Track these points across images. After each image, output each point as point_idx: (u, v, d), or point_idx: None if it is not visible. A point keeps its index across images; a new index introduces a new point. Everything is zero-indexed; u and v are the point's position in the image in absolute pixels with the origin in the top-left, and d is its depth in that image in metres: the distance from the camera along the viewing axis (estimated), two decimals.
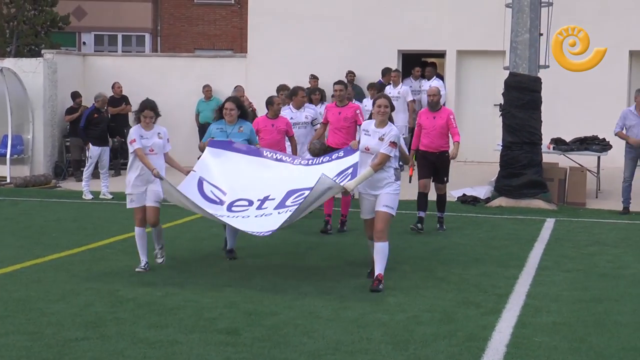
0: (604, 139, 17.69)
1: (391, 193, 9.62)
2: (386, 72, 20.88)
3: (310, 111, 15.01)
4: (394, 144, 9.54)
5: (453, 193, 17.29)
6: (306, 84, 21.02)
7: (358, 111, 13.90)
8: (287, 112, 14.49)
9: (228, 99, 11.78)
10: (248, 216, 10.17)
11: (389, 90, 19.57)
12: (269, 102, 13.71)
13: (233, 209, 10.40)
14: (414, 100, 20.04)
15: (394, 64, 21.63)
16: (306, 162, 11.17)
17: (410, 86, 20.73)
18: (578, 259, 11.44)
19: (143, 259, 10.56)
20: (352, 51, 21.83)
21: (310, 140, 13.90)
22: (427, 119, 13.59)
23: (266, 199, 10.40)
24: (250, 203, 10.41)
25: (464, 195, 17.05)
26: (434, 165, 13.65)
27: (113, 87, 21.92)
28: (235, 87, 19.30)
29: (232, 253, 11.34)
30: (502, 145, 16.89)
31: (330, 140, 13.75)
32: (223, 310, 8.54)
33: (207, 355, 7.11)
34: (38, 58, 22.31)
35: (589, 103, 20.69)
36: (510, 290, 9.57)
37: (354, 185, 9.60)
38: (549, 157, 17.58)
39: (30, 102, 21.08)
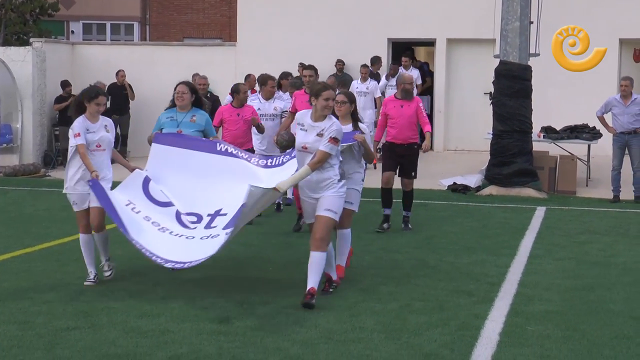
0: (594, 128, 17.70)
1: (334, 195, 8.48)
2: (375, 60, 20.85)
3: (280, 102, 14.19)
4: (334, 140, 8.41)
5: (443, 182, 17.32)
6: (295, 73, 21.00)
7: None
8: (255, 103, 13.86)
9: (181, 82, 10.37)
10: (193, 237, 8.70)
11: (357, 85, 19.24)
12: (235, 90, 13.18)
13: (182, 219, 9.00)
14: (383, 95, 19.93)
15: (384, 52, 21.60)
16: (265, 162, 9.69)
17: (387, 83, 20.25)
18: (569, 248, 11.45)
19: (91, 270, 9.27)
20: (342, 39, 21.78)
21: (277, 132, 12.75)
22: (394, 107, 12.54)
23: (217, 213, 8.93)
24: (199, 219, 8.97)
25: (455, 183, 17.06)
26: (402, 158, 12.57)
27: (117, 74, 21.83)
28: (247, 76, 18.90)
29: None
30: (492, 134, 16.89)
31: None
32: (215, 300, 8.51)
33: (200, 344, 7.08)
34: (26, 47, 22.20)
35: (579, 91, 20.67)
36: (502, 278, 9.56)
37: (286, 186, 8.57)
38: (539, 145, 17.58)
39: (19, 91, 20.97)
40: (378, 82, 20.15)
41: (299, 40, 21.95)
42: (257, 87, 18.80)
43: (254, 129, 13.31)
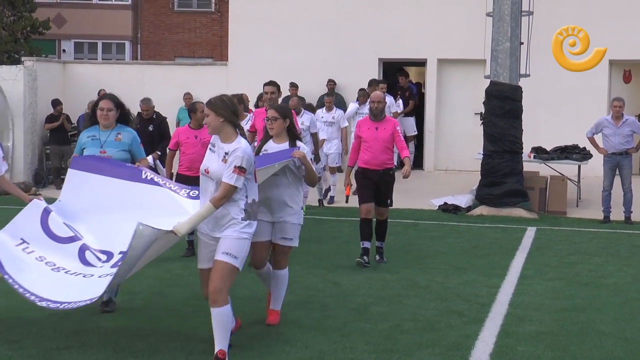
0: (584, 148, 17.76)
1: (234, 237, 7.00)
2: (372, 83, 20.86)
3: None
4: (240, 169, 6.89)
5: (434, 202, 17.34)
6: (286, 92, 21.04)
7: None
8: None
9: (104, 96, 9.15)
10: (92, 275, 7.50)
11: (322, 114, 18.19)
12: (192, 110, 12.23)
13: (87, 256, 7.79)
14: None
15: (375, 72, 21.65)
16: (195, 193, 8.14)
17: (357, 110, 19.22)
18: (560, 268, 11.46)
19: None
20: (333, 59, 21.85)
21: None
22: (368, 129, 11.45)
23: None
24: (109, 257, 7.74)
25: (445, 203, 17.07)
26: (376, 185, 11.43)
27: (98, 93, 21.82)
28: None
29: (108, 306, 8.86)
30: (483, 154, 16.93)
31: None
32: (205, 319, 8.42)
33: None
34: (18, 65, 22.20)
35: (569, 112, 20.78)
36: (493, 299, 9.56)
37: (185, 228, 6.96)
38: (529, 165, 17.64)
39: (10, 109, 20.96)
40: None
41: (290, 59, 22.00)
42: (252, 107, 18.97)
43: None
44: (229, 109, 6.99)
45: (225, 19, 28.51)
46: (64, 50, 34.01)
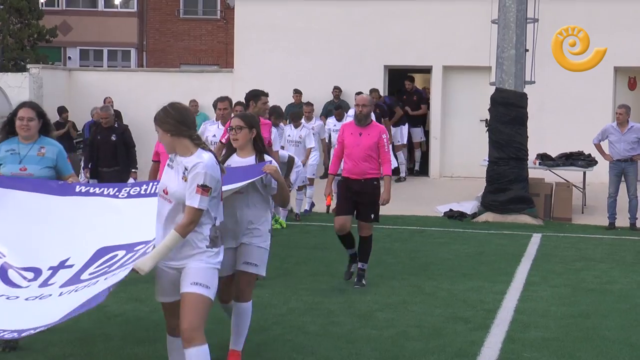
0: (589, 155, 17.75)
1: (202, 267, 5.94)
2: (371, 92, 20.89)
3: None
4: (204, 189, 5.80)
5: (439, 208, 17.33)
6: (290, 99, 21.11)
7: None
8: (214, 127, 11.86)
9: (22, 105, 8.05)
10: (17, 297, 6.38)
11: (303, 124, 17.14)
12: None
13: (10, 275, 6.70)
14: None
15: (380, 79, 21.69)
16: (138, 190, 7.29)
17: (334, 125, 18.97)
18: (565, 274, 11.46)
19: None
20: (338, 66, 21.88)
21: None
22: (351, 135, 10.41)
23: (62, 265, 6.68)
24: (37, 275, 6.64)
25: (451, 210, 17.06)
26: (358, 196, 10.36)
27: (104, 101, 21.91)
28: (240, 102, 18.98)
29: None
30: (488, 161, 16.94)
31: None
32: (212, 326, 8.46)
33: None
34: (24, 73, 22.30)
35: (574, 119, 20.78)
36: (499, 305, 9.58)
37: (148, 265, 5.77)
38: (535, 172, 17.64)
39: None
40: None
41: (295, 67, 22.04)
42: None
43: None
44: (175, 120, 5.96)
45: (230, 26, 28.59)
46: (69, 58, 34.14)
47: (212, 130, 11.87)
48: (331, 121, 19.27)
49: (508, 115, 16.56)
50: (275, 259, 12.25)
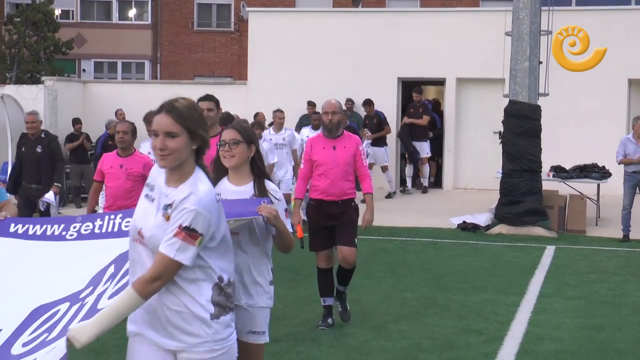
0: (603, 167, 17.71)
1: (206, 354, 4.22)
2: (366, 102, 20.87)
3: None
4: (190, 233, 4.07)
5: (453, 220, 17.31)
6: (304, 111, 21.13)
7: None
8: (148, 145, 9.76)
9: None
10: None
11: (269, 135, 15.87)
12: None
13: None
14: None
15: (394, 91, 21.71)
16: (91, 227, 5.34)
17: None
18: (579, 287, 11.43)
19: None
20: (352, 78, 21.91)
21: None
22: (323, 149, 8.87)
23: None
24: None
25: (464, 222, 17.04)
26: (335, 220, 8.84)
27: (116, 113, 21.99)
28: (255, 114, 19.07)
29: None
30: (502, 173, 16.92)
31: None
32: None
33: None
34: (38, 85, 22.41)
35: (588, 131, 20.75)
36: (512, 317, 9.56)
37: (88, 335, 4.06)
38: (548, 184, 17.60)
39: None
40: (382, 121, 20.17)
41: (309, 78, 22.08)
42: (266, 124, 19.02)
43: None
44: (194, 119, 4.24)
45: (244, 38, 28.66)
46: (84, 70, 34.30)
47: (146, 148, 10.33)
48: (306, 131, 17.27)
49: (521, 127, 16.54)
50: (289, 271, 12.28)
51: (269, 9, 24.29)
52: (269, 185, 5.38)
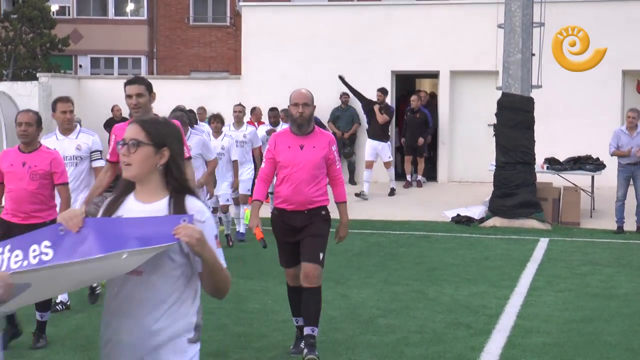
0: (597, 159, 17.70)
1: None
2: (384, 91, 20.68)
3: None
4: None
5: (447, 213, 17.32)
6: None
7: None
8: (52, 140, 9.32)
9: None
10: None
11: (229, 131, 14.74)
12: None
13: None
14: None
15: (388, 84, 21.66)
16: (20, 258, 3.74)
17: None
18: (570, 279, 11.43)
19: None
20: (346, 72, 21.82)
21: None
22: (288, 149, 7.61)
23: None
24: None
25: (458, 215, 17.04)
26: (300, 233, 7.63)
27: (112, 109, 21.98)
28: (252, 109, 19.07)
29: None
30: (495, 165, 16.92)
31: None
32: (213, 333, 8.53)
33: None
34: (33, 81, 22.39)
35: (582, 123, 20.73)
36: (501, 310, 9.56)
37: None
38: (543, 176, 17.60)
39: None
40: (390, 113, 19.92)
41: (302, 73, 22.03)
42: (264, 119, 19.03)
43: None
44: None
45: (240, 33, 28.63)
46: (80, 66, 34.29)
47: (51, 144, 9.03)
48: (265, 128, 16.77)
49: (515, 119, 16.54)
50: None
51: (262, 4, 24.25)
52: (192, 203, 3.87)
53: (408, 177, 21.01)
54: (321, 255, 7.62)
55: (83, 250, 3.61)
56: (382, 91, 20.07)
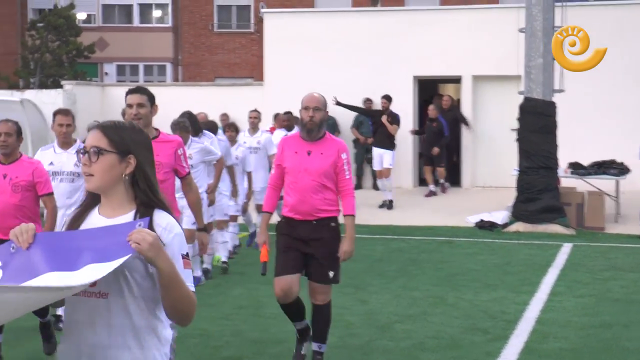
0: (622, 163, 17.57)
1: None
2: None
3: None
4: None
5: (470, 219, 17.23)
6: None
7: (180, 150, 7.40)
8: (49, 153, 8.98)
9: None
10: None
11: (244, 137, 14.51)
12: None
13: None
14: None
15: (410, 89, 21.65)
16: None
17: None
18: (591, 284, 11.34)
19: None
20: (368, 77, 21.87)
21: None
22: (295, 154, 7.27)
23: None
24: None
25: (482, 220, 16.95)
26: (307, 246, 7.25)
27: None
28: (275, 115, 19.06)
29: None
30: (518, 170, 16.85)
31: None
32: (230, 339, 8.55)
33: None
34: (57, 89, 22.54)
35: (606, 127, 20.61)
36: (520, 316, 9.50)
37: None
38: (566, 181, 17.51)
39: (50, 132, 21.23)
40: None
41: (325, 78, 22.04)
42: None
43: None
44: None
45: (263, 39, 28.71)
46: (106, 74, 34.49)
47: (47, 157, 8.85)
48: (281, 133, 16.07)
49: (536, 124, 16.45)
50: None
51: (284, 10, 24.31)
52: (161, 218, 3.50)
53: (431, 187, 20.74)
54: (331, 274, 7.27)
55: (31, 270, 3.26)
56: (387, 98, 19.47)
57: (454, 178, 22.25)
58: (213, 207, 11.87)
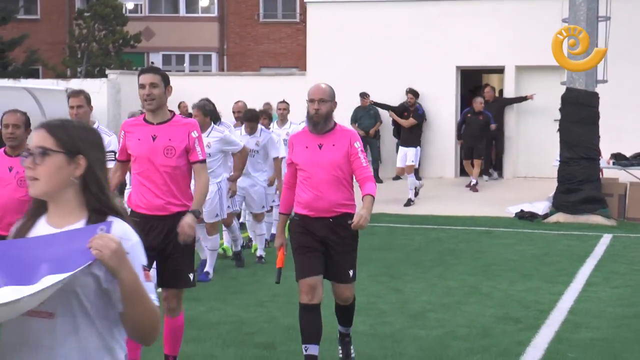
0: None
1: None
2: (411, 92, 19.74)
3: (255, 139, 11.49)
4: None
5: (510, 209, 17.18)
6: (357, 103, 21.14)
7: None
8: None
9: None
10: None
11: (272, 128, 14.06)
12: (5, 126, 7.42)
13: None
14: None
15: (452, 80, 21.61)
16: None
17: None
18: (628, 275, 11.29)
19: None
20: (410, 68, 21.86)
21: None
22: (306, 149, 6.94)
23: None
24: None
25: (522, 211, 16.90)
26: (325, 244, 6.95)
27: (179, 106, 22.29)
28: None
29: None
30: (559, 161, 16.77)
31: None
32: (263, 325, 8.65)
33: None
34: (102, 78, 22.82)
35: None
36: (553, 306, 9.49)
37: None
38: (609, 172, 17.40)
39: (94, 121, 21.53)
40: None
41: (367, 69, 22.11)
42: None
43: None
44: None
45: None
46: (152, 63, 34.76)
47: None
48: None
49: (579, 114, 16.36)
50: None
51: (328, 0, 24.32)
52: (117, 227, 3.09)
53: (473, 181, 20.34)
54: (351, 273, 7.03)
55: None
56: (413, 92, 19.24)
57: (496, 168, 22.18)
58: (234, 199, 11.70)
